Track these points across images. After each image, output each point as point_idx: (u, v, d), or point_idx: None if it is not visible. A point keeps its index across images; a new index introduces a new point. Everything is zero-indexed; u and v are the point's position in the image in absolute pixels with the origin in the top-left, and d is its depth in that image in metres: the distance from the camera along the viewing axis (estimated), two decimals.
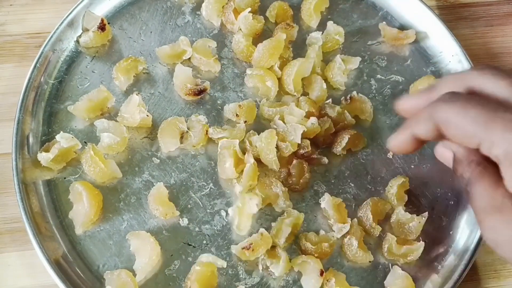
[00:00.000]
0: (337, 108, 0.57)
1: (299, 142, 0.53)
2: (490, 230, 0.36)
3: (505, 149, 0.35)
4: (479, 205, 0.37)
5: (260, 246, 0.49)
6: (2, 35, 0.63)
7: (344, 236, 0.51)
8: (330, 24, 0.61)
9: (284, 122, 0.55)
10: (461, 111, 0.36)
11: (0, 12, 0.64)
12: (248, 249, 0.49)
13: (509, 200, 0.35)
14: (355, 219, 0.52)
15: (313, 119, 0.54)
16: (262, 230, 0.50)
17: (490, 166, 0.37)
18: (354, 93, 0.58)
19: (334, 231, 0.52)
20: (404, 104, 0.44)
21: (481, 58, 0.64)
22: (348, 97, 0.58)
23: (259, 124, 0.57)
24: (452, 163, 0.41)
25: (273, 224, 0.52)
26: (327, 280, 0.49)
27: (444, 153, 0.46)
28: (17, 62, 0.61)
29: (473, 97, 0.37)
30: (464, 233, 0.53)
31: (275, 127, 0.55)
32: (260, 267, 0.50)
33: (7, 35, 0.63)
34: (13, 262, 0.52)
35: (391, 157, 0.57)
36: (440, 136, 0.39)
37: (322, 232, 0.52)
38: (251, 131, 0.55)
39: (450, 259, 0.52)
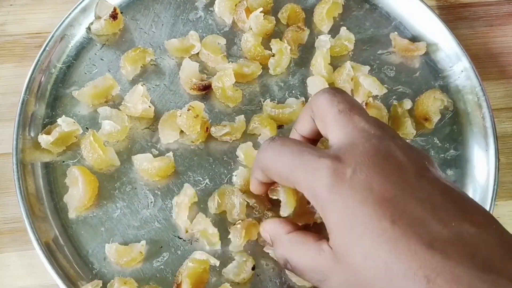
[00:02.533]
0: None
1: None
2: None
3: (309, 190, 0.37)
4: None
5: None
6: (2, 35, 0.63)
7: None
8: (343, 29, 0.61)
9: None
10: (275, 158, 0.38)
11: (0, 12, 0.65)
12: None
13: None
14: None
15: None
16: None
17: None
18: (370, 99, 0.56)
19: None
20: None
21: (481, 58, 0.63)
22: (363, 103, 0.56)
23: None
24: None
25: None
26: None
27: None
28: (17, 62, 0.61)
29: (286, 141, 0.39)
30: None
31: None
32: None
33: (7, 35, 0.63)
34: (13, 262, 0.52)
35: None
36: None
37: None
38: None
39: None
